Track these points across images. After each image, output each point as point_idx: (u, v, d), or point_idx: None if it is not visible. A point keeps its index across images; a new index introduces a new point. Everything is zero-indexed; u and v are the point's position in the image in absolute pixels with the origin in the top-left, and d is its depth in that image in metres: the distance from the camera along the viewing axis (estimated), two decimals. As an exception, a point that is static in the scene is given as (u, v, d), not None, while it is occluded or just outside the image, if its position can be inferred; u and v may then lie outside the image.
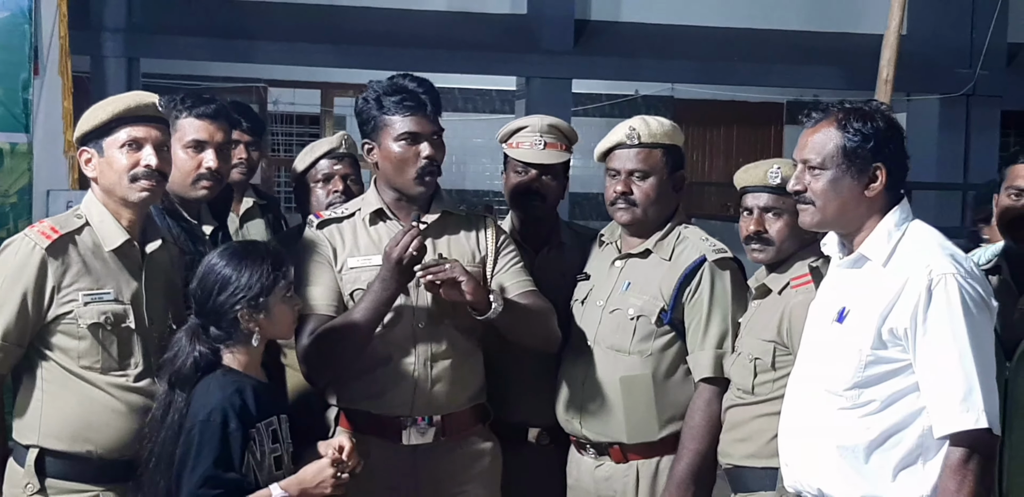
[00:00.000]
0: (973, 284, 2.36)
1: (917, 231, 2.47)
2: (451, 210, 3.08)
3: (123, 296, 2.73)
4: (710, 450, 3.00)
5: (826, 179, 2.46)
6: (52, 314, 2.67)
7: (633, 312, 3.09)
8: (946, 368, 2.32)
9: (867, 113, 2.47)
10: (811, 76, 10.21)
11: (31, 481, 2.67)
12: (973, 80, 10.16)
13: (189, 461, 2.55)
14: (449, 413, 2.98)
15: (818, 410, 2.47)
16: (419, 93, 2.96)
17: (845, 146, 2.44)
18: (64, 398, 2.68)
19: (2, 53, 3.96)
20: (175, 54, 9.13)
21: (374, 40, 9.26)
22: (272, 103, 11.40)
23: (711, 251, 3.09)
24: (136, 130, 2.73)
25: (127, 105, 2.74)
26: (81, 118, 2.79)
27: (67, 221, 2.75)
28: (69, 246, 2.70)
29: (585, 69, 9.89)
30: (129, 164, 2.72)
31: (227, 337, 2.65)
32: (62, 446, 2.67)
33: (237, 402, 2.59)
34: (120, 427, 2.69)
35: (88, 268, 2.71)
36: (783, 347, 2.84)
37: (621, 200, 3.12)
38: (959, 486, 2.29)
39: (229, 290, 2.63)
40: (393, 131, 2.96)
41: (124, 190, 2.73)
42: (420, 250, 2.81)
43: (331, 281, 2.98)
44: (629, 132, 3.11)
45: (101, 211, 2.77)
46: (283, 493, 2.61)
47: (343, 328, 2.87)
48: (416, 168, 2.96)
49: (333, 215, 3.08)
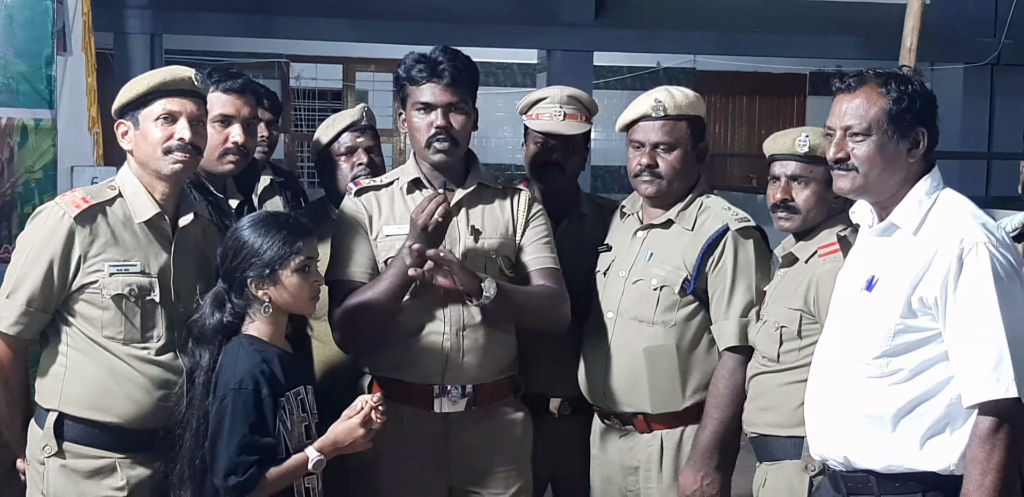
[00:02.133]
0: (1004, 253, 2.34)
1: (948, 200, 2.45)
2: (487, 182, 3.08)
3: (150, 269, 2.74)
4: (734, 419, 3.01)
5: (871, 145, 2.42)
6: (78, 283, 2.69)
7: (656, 282, 3.09)
8: (976, 337, 2.30)
9: (905, 78, 2.45)
10: (833, 46, 10.14)
11: (49, 443, 2.70)
12: (998, 49, 10.08)
13: (224, 429, 2.57)
14: (480, 383, 3.00)
15: (846, 379, 2.47)
16: (439, 62, 2.95)
17: (891, 110, 2.41)
18: (85, 366, 2.70)
19: (25, 30, 3.96)
20: (197, 30, 9.14)
21: (395, 15, 9.24)
22: (294, 78, 11.41)
23: (734, 220, 3.09)
24: (171, 103, 2.74)
25: (163, 78, 2.75)
26: (120, 91, 2.79)
27: (100, 192, 2.76)
28: (98, 216, 2.71)
29: (606, 41, 9.84)
30: (163, 137, 2.73)
31: (245, 304, 2.68)
32: (80, 412, 2.70)
33: (267, 370, 2.61)
34: (139, 398, 2.71)
35: (116, 239, 2.72)
36: (809, 315, 2.84)
37: (646, 172, 3.11)
38: (988, 455, 2.28)
39: (241, 256, 2.66)
40: (411, 100, 3.00)
41: (157, 163, 2.74)
42: (445, 216, 2.83)
43: (366, 248, 3.00)
44: (655, 104, 3.09)
45: (134, 183, 2.78)
46: (319, 455, 2.64)
47: (371, 295, 2.89)
48: (426, 137, 2.97)
49: (372, 183, 3.10)
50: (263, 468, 2.58)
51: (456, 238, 3.00)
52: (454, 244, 2.98)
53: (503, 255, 3.03)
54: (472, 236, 3.01)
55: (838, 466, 2.49)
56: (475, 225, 2.99)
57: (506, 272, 3.04)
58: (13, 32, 3.90)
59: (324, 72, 11.48)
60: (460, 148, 3.01)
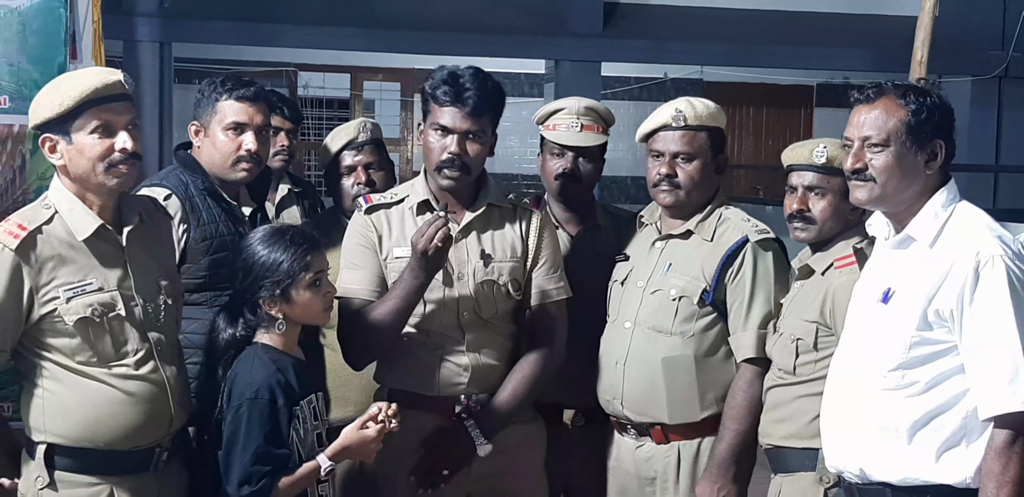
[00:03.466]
0: (1021, 266, 2.34)
1: (964, 212, 2.46)
2: (496, 203, 3.06)
3: (107, 284, 2.59)
4: (751, 430, 3.00)
5: (890, 155, 2.43)
6: (36, 315, 2.53)
7: (675, 293, 3.08)
8: (992, 350, 2.30)
9: (925, 91, 2.46)
10: (841, 58, 10.13)
11: (41, 475, 2.59)
12: (1006, 62, 10.06)
13: (239, 439, 2.57)
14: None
15: (862, 391, 2.47)
16: (465, 89, 2.90)
17: (910, 122, 2.42)
18: (65, 395, 2.57)
19: (38, 37, 3.96)
20: (206, 38, 9.13)
21: (403, 24, 9.25)
22: (302, 87, 11.42)
23: (753, 232, 3.08)
24: (105, 113, 2.54)
25: (95, 86, 2.54)
26: (37, 103, 2.58)
27: (35, 214, 2.57)
28: (39, 241, 2.53)
29: (614, 52, 9.83)
30: (104, 150, 2.54)
31: (258, 321, 2.68)
32: (70, 443, 2.58)
33: (282, 380, 2.61)
34: (127, 417, 2.59)
35: (64, 260, 2.55)
36: (826, 328, 2.83)
37: (665, 182, 3.11)
38: (1003, 468, 2.28)
39: (252, 276, 2.65)
40: (431, 118, 2.96)
41: (99, 177, 2.56)
42: (445, 241, 2.81)
43: (375, 266, 2.99)
44: (675, 114, 3.09)
45: (70, 199, 2.59)
46: (330, 463, 2.64)
47: (375, 315, 2.89)
48: (437, 160, 2.94)
49: (382, 200, 3.06)
50: (276, 477, 2.57)
51: (465, 261, 2.99)
52: (463, 267, 2.98)
53: (512, 279, 3.02)
54: (482, 261, 3.00)
55: (854, 478, 2.49)
56: (485, 249, 3.00)
57: (513, 296, 3.03)
58: (26, 39, 3.90)
59: (332, 81, 11.48)
60: (470, 176, 2.97)
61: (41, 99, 2.58)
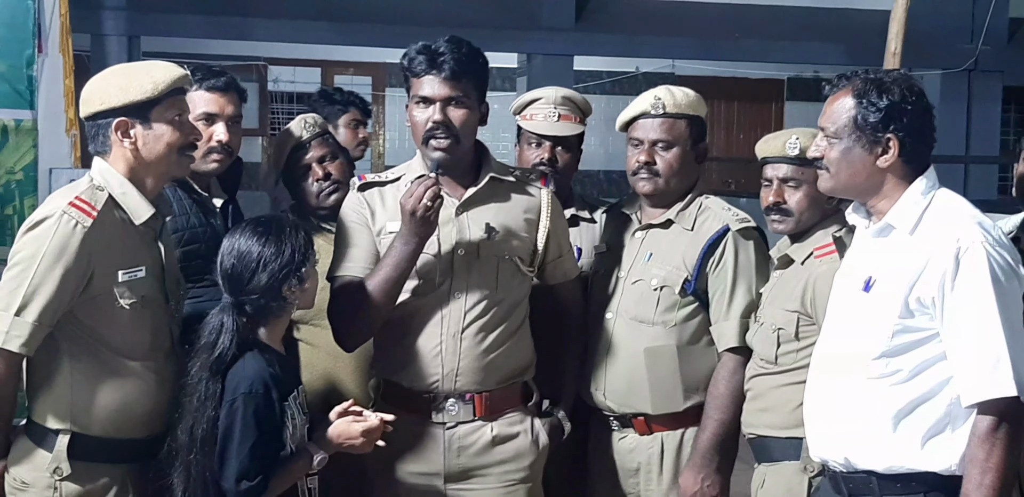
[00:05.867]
0: (1002, 252, 2.33)
1: (944, 200, 2.45)
2: (500, 176, 2.96)
3: (153, 272, 2.66)
4: (734, 420, 3.00)
5: (839, 148, 2.45)
6: (89, 294, 2.56)
7: (656, 283, 3.06)
8: (974, 336, 2.29)
9: (884, 83, 2.44)
10: (812, 52, 10.19)
11: (60, 465, 2.57)
12: (975, 55, 10.13)
13: (235, 434, 2.53)
14: (484, 391, 2.90)
15: (845, 380, 2.45)
16: (440, 54, 2.81)
17: (857, 117, 2.42)
18: (97, 382, 2.58)
19: (5, 30, 3.93)
20: (175, 32, 9.10)
21: (374, 18, 9.22)
22: (272, 81, 11.37)
23: (734, 221, 3.07)
24: (182, 104, 2.68)
25: (182, 75, 2.67)
26: (117, 86, 2.63)
27: (93, 196, 2.60)
28: (107, 222, 2.58)
29: (586, 46, 9.85)
30: (181, 136, 2.65)
31: (266, 312, 2.64)
32: (97, 431, 2.59)
33: (274, 373, 2.59)
34: (148, 406, 2.64)
35: (123, 244, 2.61)
36: (807, 317, 2.83)
37: (644, 170, 3.08)
38: (987, 455, 2.27)
39: (272, 266, 2.60)
40: (412, 93, 2.87)
41: (171, 165, 2.67)
42: (435, 200, 2.72)
43: (368, 243, 2.90)
44: (654, 102, 3.07)
45: (123, 183, 2.64)
46: (323, 454, 2.63)
47: (367, 287, 2.80)
48: (423, 132, 2.84)
49: (376, 179, 2.99)
50: (273, 472, 2.56)
51: (467, 234, 2.88)
52: (464, 240, 2.88)
53: (518, 255, 2.93)
54: (486, 234, 2.88)
55: (839, 467, 2.48)
56: (489, 223, 2.89)
57: (523, 270, 2.95)
58: (-7, 32, 3.86)
59: (302, 75, 11.43)
60: (462, 144, 2.86)
61: (124, 83, 2.62)
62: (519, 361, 2.97)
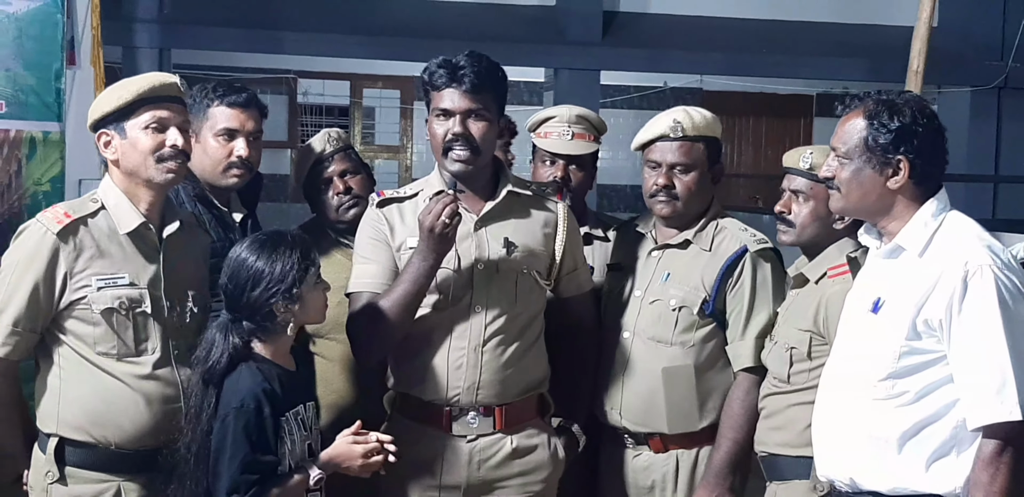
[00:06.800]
0: (1010, 276, 2.34)
1: (954, 222, 2.45)
2: (518, 190, 2.98)
3: (139, 280, 2.69)
4: (748, 439, 3.00)
5: (849, 169, 2.47)
6: (66, 300, 2.64)
7: (675, 303, 3.07)
8: (980, 360, 2.30)
9: (896, 105, 2.45)
10: (840, 68, 10.14)
11: (51, 469, 2.65)
12: (1005, 72, 10.07)
13: (227, 448, 2.55)
14: (503, 403, 2.92)
15: (852, 400, 2.46)
16: (460, 67, 2.83)
17: (867, 138, 2.44)
18: (80, 386, 2.65)
19: (35, 43, 3.98)
20: (206, 45, 9.14)
21: (403, 31, 9.26)
22: (302, 94, 11.43)
23: (752, 242, 3.08)
24: (159, 111, 2.69)
25: (151, 85, 2.70)
26: (98, 100, 2.75)
27: (81, 205, 2.71)
28: (81, 230, 2.66)
29: (613, 61, 9.84)
30: (155, 144, 2.68)
31: (261, 329, 2.65)
32: (79, 435, 2.65)
33: (268, 388, 2.60)
34: (137, 417, 2.66)
35: (102, 252, 2.67)
36: (819, 337, 2.83)
37: (663, 193, 3.08)
38: (992, 478, 2.27)
39: (263, 285, 2.61)
40: (432, 106, 2.90)
41: (149, 171, 2.69)
42: (453, 217, 2.74)
43: (387, 259, 2.91)
44: (673, 124, 3.07)
45: (117, 194, 2.72)
46: (320, 472, 2.63)
47: (384, 303, 2.81)
48: (442, 144, 2.86)
49: (395, 195, 3.01)
50: (265, 486, 2.56)
51: (486, 249, 2.90)
52: (483, 255, 2.90)
53: (536, 269, 2.95)
54: (505, 249, 2.91)
55: (844, 487, 2.48)
56: (508, 237, 2.92)
57: (541, 283, 2.97)
58: (22, 45, 3.92)
59: (331, 88, 11.50)
60: (481, 157, 2.88)
61: (102, 98, 2.74)
62: (536, 373, 2.99)
